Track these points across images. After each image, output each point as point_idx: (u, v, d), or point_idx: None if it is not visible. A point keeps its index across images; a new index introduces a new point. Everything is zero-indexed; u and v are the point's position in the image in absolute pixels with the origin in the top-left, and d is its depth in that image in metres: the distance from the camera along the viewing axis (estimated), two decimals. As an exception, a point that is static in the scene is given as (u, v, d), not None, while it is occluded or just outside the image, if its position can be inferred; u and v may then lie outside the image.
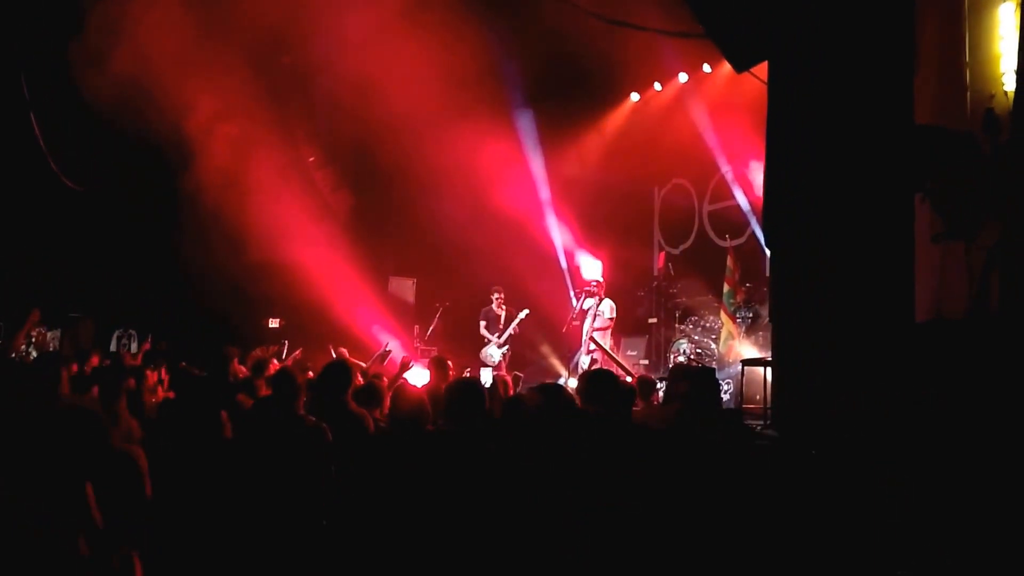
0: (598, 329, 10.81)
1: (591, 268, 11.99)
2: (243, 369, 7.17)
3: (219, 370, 6.15)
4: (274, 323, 11.28)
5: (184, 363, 7.06)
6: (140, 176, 10.34)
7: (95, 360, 6.92)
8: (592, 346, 10.81)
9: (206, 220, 9.90)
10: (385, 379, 6.23)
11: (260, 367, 7.00)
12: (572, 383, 11.35)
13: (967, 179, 5.43)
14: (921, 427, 4.44)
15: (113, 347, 11.32)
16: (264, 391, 5.75)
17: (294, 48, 9.99)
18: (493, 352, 11.28)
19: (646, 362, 11.88)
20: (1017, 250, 4.61)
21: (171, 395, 6.05)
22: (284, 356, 7.63)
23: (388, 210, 12.35)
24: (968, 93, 5.55)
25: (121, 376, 6.41)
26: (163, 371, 7.25)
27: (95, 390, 5.05)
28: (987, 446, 4.05)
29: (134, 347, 11.33)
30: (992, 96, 5.40)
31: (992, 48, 5.47)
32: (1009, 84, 5.21)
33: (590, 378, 4.70)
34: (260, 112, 10.18)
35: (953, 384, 4.63)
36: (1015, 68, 4.97)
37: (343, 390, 4.97)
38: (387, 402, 5.28)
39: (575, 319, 11.37)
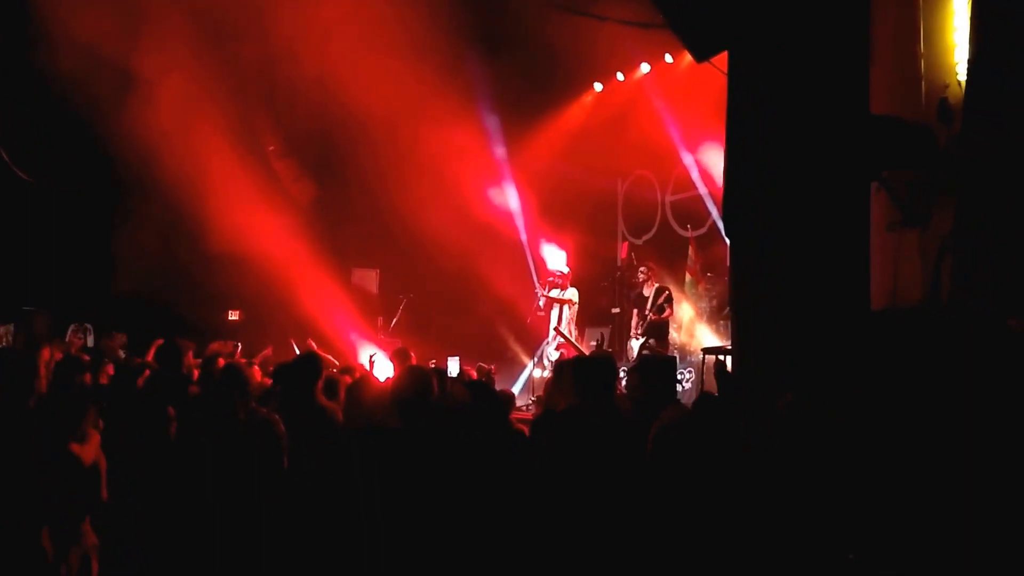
0: (562, 302, 10.90)
1: (556, 259, 12.01)
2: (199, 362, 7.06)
3: (172, 364, 6.03)
4: (234, 316, 11.12)
5: (138, 356, 6.97)
6: (93, 167, 10.13)
7: (46, 353, 6.76)
8: (560, 339, 10.85)
9: (163, 211, 9.74)
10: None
11: (211, 361, 6.90)
12: (538, 373, 11.41)
13: (921, 168, 5.50)
14: (872, 412, 4.49)
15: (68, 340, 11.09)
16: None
17: (255, 35, 9.82)
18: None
19: (609, 351, 11.92)
20: (969, 238, 4.67)
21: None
22: (235, 358, 7.51)
23: (351, 200, 12.22)
24: (923, 83, 5.62)
25: (76, 370, 6.30)
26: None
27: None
28: (937, 431, 4.10)
29: (90, 340, 11.13)
30: (946, 86, 5.47)
31: (946, 38, 5.54)
32: (963, 74, 5.28)
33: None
34: (219, 100, 10.02)
35: (906, 371, 4.69)
36: (968, 58, 5.03)
37: (311, 384, 4.92)
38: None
39: (540, 310, 11.40)
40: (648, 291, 10.69)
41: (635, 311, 11.00)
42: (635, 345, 10.77)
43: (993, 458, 3.59)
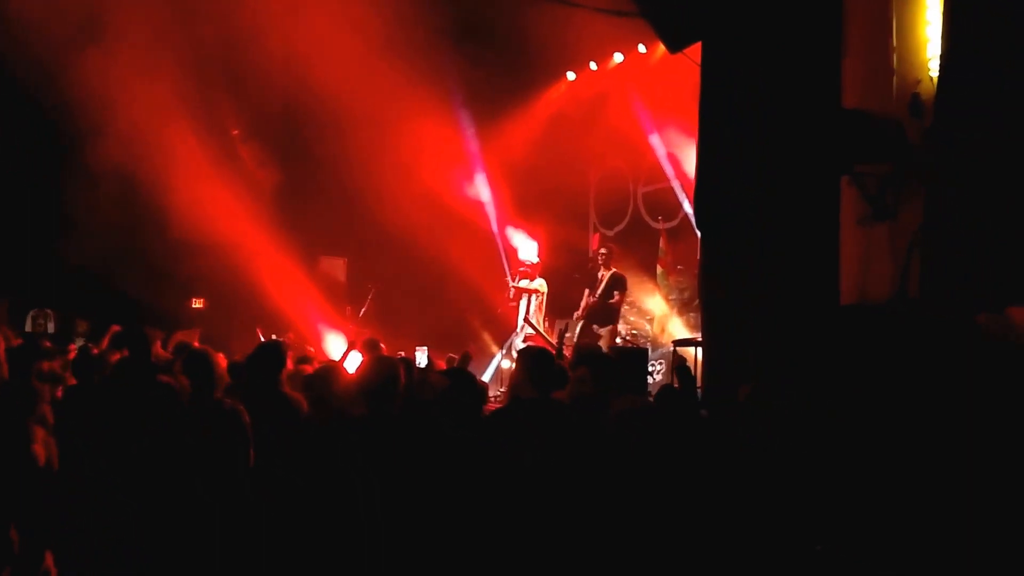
0: (531, 292, 10.84)
1: (527, 249, 11.95)
2: (165, 353, 6.93)
3: (139, 353, 5.89)
4: (197, 304, 10.94)
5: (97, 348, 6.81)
6: (51, 151, 9.89)
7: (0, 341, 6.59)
8: (529, 329, 10.81)
9: (124, 197, 9.53)
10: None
11: (182, 349, 6.77)
12: (507, 364, 11.36)
13: (892, 163, 5.50)
14: (839, 406, 4.49)
15: (28, 327, 10.87)
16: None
17: (218, 14, 9.62)
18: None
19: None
20: (939, 233, 4.67)
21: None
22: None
23: (317, 187, 12.03)
24: (895, 77, 5.61)
25: (34, 357, 6.14)
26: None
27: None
28: (904, 425, 4.10)
29: (51, 327, 10.93)
30: (918, 81, 5.46)
31: (919, 33, 5.53)
32: (935, 69, 5.27)
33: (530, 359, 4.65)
34: (181, 82, 9.81)
35: (874, 365, 4.68)
36: (941, 54, 5.02)
37: (275, 372, 4.81)
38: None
39: (510, 300, 11.35)
40: (604, 273, 10.65)
41: (586, 291, 10.92)
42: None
43: (959, 452, 3.58)
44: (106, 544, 4.14)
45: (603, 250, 10.90)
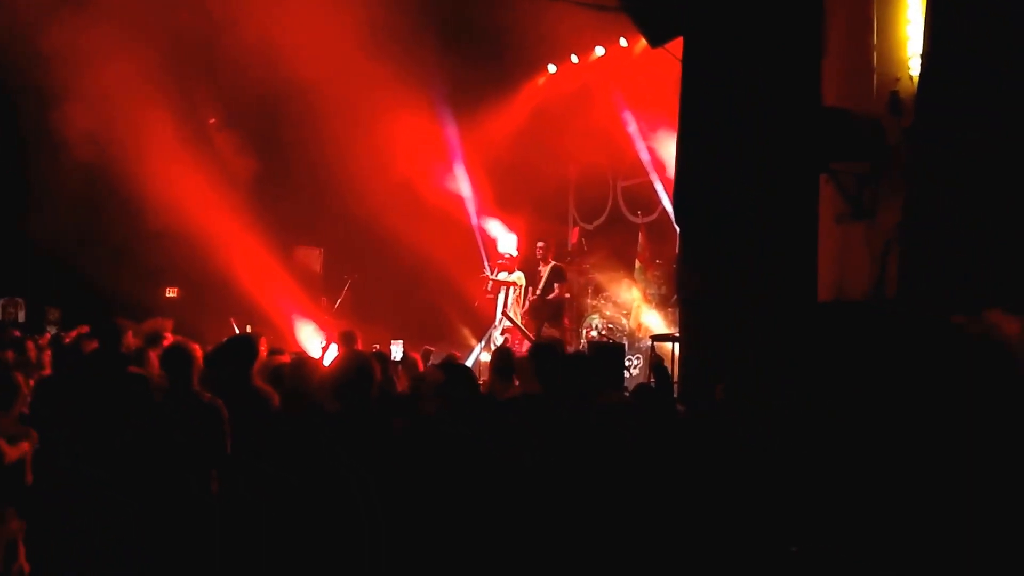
0: (509, 284, 10.80)
1: (506, 242, 11.92)
2: (136, 341, 6.83)
3: (111, 344, 5.81)
4: (171, 293, 10.83)
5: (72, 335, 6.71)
6: (19, 136, 9.72)
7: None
8: (507, 323, 10.79)
9: (97, 184, 9.39)
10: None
11: (153, 339, 6.68)
12: (485, 357, 11.33)
13: (870, 161, 5.51)
14: (817, 404, 4.49)
15: (-1, 316, 10.73)
16: (155, 364, 5.45)
17: (195, 4, 9.49)
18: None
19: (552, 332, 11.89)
20: (916, 232, 4.68)
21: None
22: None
23: (294, 176, 11.94)
24: (874, 76, 5.62)
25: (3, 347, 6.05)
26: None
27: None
28: (877, 423, 4.11)
29: (21, 316, 10.78)
30: (898, 79, 5.48)
31: (899, 32, 5.54)
32: (915, 68, 5.28)
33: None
34: (157, 69, 9.66)
35: (850, 363, 4.70)
36: (921, 52, 5.03)
37: (246, 365, 4.75)
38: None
39: (489, 293, 11.32)
40: (543, 268, 10.64)
41: (528, 288, 10.87)
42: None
43: (935, 450, 3.59)
44: (86, 538, 4.09)
45: (540, 244, 10.88)
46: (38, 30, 8.75)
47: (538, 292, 10.53)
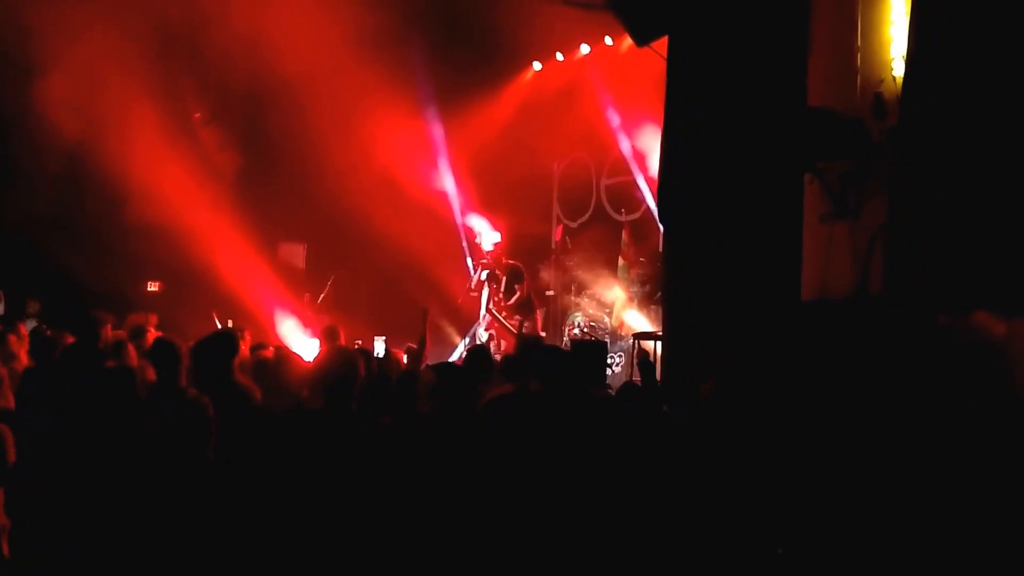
0: (488, 285, 10.80)
1: (490, 239, 11.91)
2: (119, 334, 6.76)
3: (88, 337, 5.75)
4: (153, 287, 10.75)
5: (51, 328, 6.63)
6: (3, 124, 9.61)
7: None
8: (490, 318, 10.80)
9: (80, 177, 9.30)
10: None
11: (137, 332, 6.62)
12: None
13: (854, 161, 5.55)
14: (801, 404, 4.52)
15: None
16: (134, 357, 5.40)
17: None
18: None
19: (543, 334, 11.90)
20: (899, 231, 4.72)
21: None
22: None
23: (278, 172, 11.88)
24: (858, 77, 5.66)
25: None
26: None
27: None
28: (863, 422, 4.13)
29: (1, 308, 10.65)
30: (881, 81, 5.52)
31: (883, 33, 5.58)
32: (898, 70, 5.32)
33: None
34: (142, 62, 9.58)
35: (834, 362, 4.73)
36: (904, 54, 5.06)
37: (228, 361, 4.72)
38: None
39: (473, 290, 11.31)
40: (500, 273, 10.66)
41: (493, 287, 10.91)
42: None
43: (919, 449, 3.62)
44: (69, 534, 4.05)
45: (487, 251, 10.90)
46: (22, 17, 8.64)
47: (502, 295, 10.52)
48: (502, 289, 10.52)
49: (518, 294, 10.44)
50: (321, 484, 3.83)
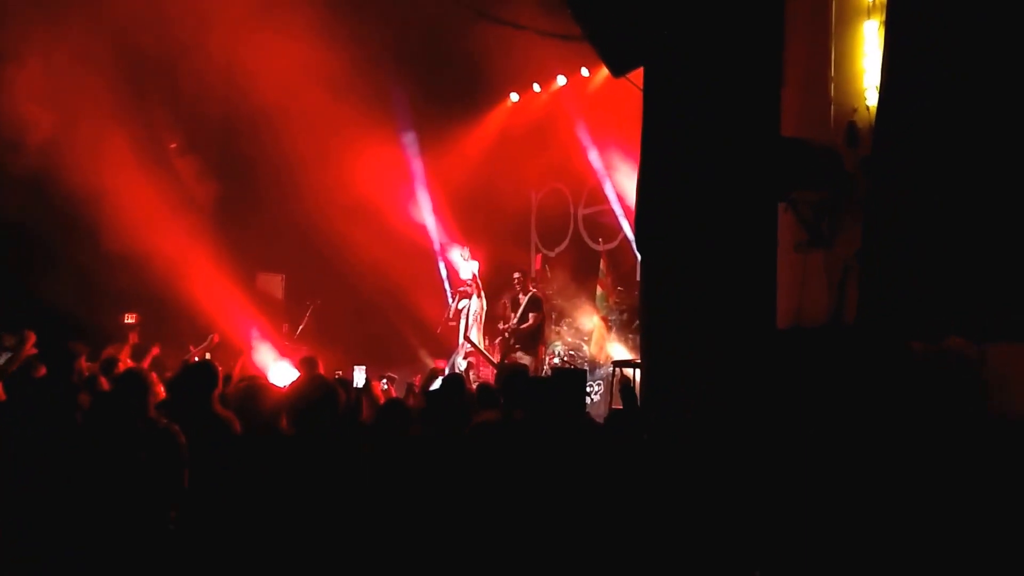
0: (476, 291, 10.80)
1: (468, 268, 11.92)
2: (92, 367, 6.69)
3: (62, 369, 5.68)
4: (130, 319, 10.63)
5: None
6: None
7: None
8: (468, 347, 10.77)
9: (55, 207, 9.23)
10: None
11: (109, 365, 6.57)
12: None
13: (828, 191, 5.62)
14: (777, 431, 4.54)
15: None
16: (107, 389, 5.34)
17: (156, 24, 9.42)
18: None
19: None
20: (873, 259, 4.78)
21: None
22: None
23: (256, 202, 11.83)
24: (832, 107, 5.75)
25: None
26: None
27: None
28: (838, 448, 4.16)
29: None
30: (855, 110, 5.61)
31: (856, 64, 5.68)
32: (871, 99, 5.42)
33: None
34: (117, 92, 9.56)
35: (809, 390, 4.76)
36: (877, 84, 5.16)
37: (207, 391, 4.69)
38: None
39: (451, 319, 11.29)
40: (522, 297, 10.70)
41: (511, 316, 10.96)
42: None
43: (893, 475, 3.64)
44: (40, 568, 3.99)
45: (516, 275, 10.95)
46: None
47: (514, 321, 10.53)
48: (517, 315, 10.52)
49: (530, 322, 10.45)
50: (296, 512, 3.80)
